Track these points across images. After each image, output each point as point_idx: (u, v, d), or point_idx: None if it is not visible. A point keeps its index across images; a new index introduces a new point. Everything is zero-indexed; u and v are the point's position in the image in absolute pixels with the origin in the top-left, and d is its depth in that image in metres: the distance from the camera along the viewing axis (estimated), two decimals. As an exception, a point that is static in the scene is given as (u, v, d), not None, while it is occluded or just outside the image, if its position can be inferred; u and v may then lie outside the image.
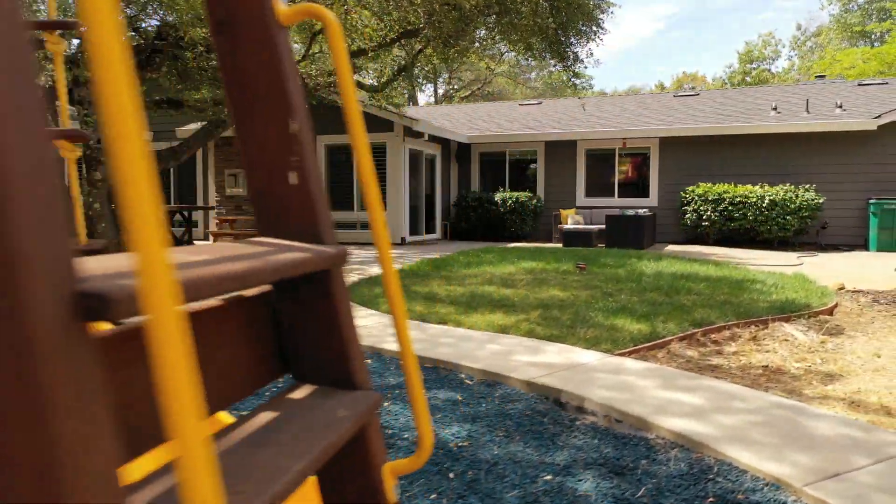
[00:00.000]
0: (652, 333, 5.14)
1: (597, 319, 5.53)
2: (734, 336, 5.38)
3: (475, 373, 4.30)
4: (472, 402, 3.87)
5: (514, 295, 6.76)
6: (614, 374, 4.13)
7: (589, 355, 4.58)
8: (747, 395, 3.76)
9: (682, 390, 3.84)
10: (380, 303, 6.46)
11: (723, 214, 13.77)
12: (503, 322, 5.52)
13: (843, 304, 7.09)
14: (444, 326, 5.47)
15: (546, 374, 4.11)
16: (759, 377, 4.37)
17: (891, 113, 13.26)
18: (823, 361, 4.66)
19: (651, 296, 6.61)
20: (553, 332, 5.15)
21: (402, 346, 1.33)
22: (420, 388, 1.31)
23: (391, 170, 14.08)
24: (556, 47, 11.26)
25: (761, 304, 6.33)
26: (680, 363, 4.65)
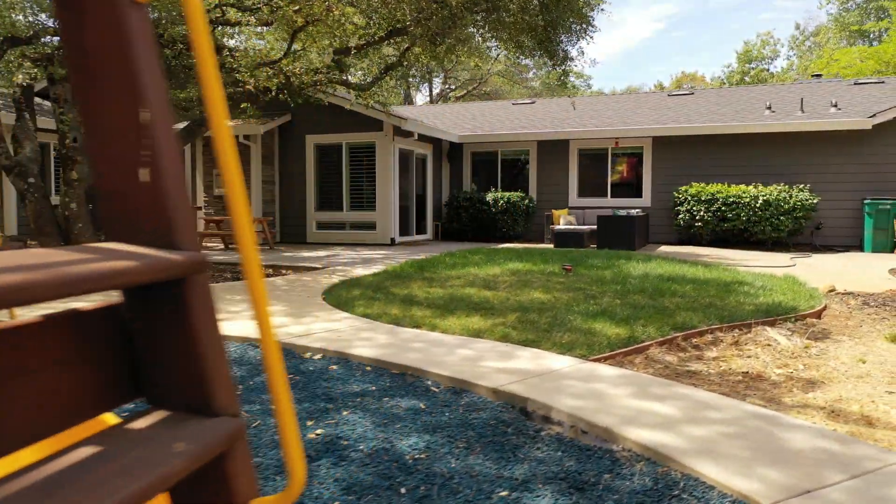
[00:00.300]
0: (630, 338, 4.98)
1: (575, 323, 5.37)
2: (716, 340, 5.22)
3: (442, 380, 4.13)
4: (435, 410, 3.71)
5: (494, 297, 6.60)
6: (585, 382, 3.96)
7: (562, 361, 4.41)
8: (722, 404, 3.60)
9: (655, 399, 3.68)
10: (355, 305, 6.30)
11: (716, 215, 13.60)
12: (479, 326, 5.36)
13: (832, 306, 6.93)
14: (417, 331, 5.31)
15: (514, 382, 3.95)
16: (738, 384, 4.21)
17: (886, 112, 13.10)
18: (806, 367, 4.50)
19: (634, 298, 6.45)
20: (528, 337, 4.99)
21: (266, 361, 1.16)
22: (288, 409, 1.13)
23: (380, 169, 13.92)
24: (546, 45, 11.09)
25: (747, 307, 6.16)
26: (657, 369, 4.48)
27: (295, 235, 14.79)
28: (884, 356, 4.75)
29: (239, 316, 5.91)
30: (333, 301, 6.59)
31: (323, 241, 14.51)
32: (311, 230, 14.63)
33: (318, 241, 14.56)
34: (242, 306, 6.39)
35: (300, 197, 14.68)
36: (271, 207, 14.73)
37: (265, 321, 1.16)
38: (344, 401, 3.87)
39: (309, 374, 4.38)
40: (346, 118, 13.84)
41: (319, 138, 14.41)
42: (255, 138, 14.11)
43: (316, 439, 3.34)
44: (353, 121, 13.84)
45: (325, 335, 5.15)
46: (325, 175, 14.57)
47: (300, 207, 14.70)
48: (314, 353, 4.80)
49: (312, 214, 14.60)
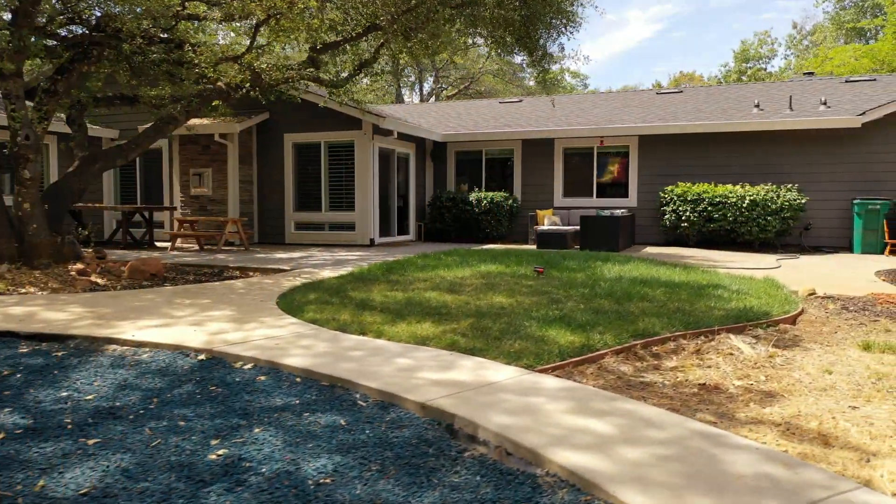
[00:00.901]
0: (584, 346, 4.67)
1: (529, 330, 5.07)
2: (678, 349, 4.91)
3: (371, 392, 3.83)
4: (355, 427, 3.41)
5: (454, 302, 6.29)
6: (523, 396, 3.66)
7: (505, 372, 4.11)
8: (666, 422, 3.30)
9: (595, 415, 3.38)
10: (306, 310, 6.00)
11: (702, 215, 13.29)
12: (428, 333, 5.06)
13: (809, 311, 6.63)
14: (361, 338, 5.01)
15: (446, 395, 3.65)
16: (692, 397, 3.90)
17: (876, 110, 12.79)
18: (767, 379, 4.20)
19: (600, 303, 6.15)
20: (476, 345, 4.69)
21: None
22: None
23: (359, 169, 13.62)
24: (525, 41, 10.79)
25: (717, 312, 5.86)
26: (608, 381, 4.18)
27: (273, 236, 14.49)
28: (852, 366, 4.44)
29: (179, 321, 5.61)
30: (285, 305, 6.29)
31: (301, 241, 14.21)
32: (289, 231, 14.33)
33: (297, 241, 14.26)
34: (188, 311, 6.10)
35: (278, 197, 14.38)
36: (249, 208, 14.42)
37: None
38: (260, 416, 3.57)
39: (233, 385, 4.08)
40: (324, 116, 13.54)
41: (298, 137, 14.11)
42: (232, 137, 13.81)
43: (216, 461, 3.04)
44: (332, 119, 13.54)
45: (262, 343, 4.85)
46: (304, 175, 14.27)
47: (278, 208, 14.40)
48: (245, 362, 4.50)
49: (291, 215, 14.30)
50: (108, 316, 5.83)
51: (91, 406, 3.74)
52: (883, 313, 6.40)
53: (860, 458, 3.04)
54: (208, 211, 14.08)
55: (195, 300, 6.69)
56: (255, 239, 14.64)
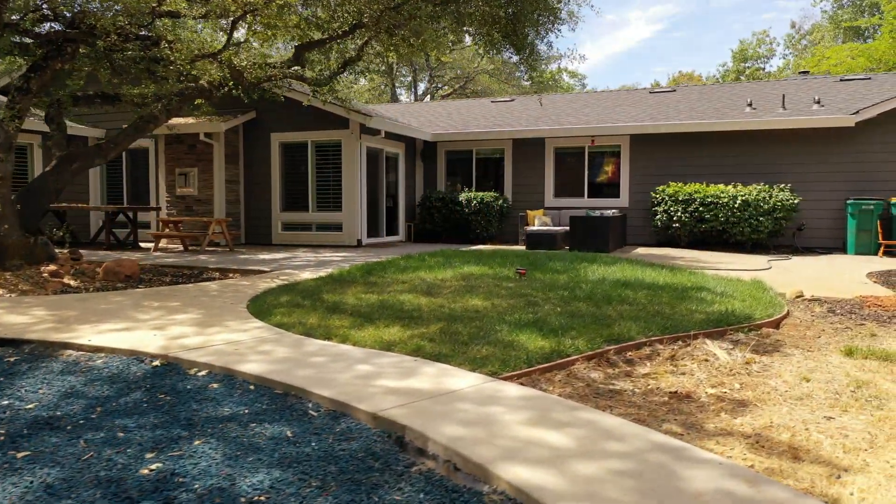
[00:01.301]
0: (555, 352, 4.50)
1: (499, 335, 4.89)
2: (653, 354, 4.74)
3: (324, 401, 3.66)
4: (302, 439, 3.23)
5: (429, 305, 6.12)
6: (481, 405, 3.49)
7: (467, 379, 3.94)
8: (628, 434, 3.12)
9: (554, 426, 3.20)
10: (275, 313, 5.82)
11: (693, 215, 13.11)
12: (395, 337, 4.88)
13: (795, 314, 6.45)
14: (325, 343, 4.84)
15: (400, 405, 3.47)
16: (662, 406, 3.73)
17: (869, 109, 12.61)
18: (742, 387, 4.02)
19: (577, 306, 5.97)
20: (442, 350, 4.51)
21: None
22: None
23: (346, 169, 13.44)
24: (512, 38, 10.60)
25: (698, 316, 5.68)
26: (576, 388, 4.01)
27: (260, 237, 14.32)
28: (832, 373, 4.27)
29: (142, 325, 5.44)
30: (255, 309, 6.12)
31: (288, 242, 14.04)
32: (276, 231, 14.16)
33: (284, 242, 14.08)
34: (154, 314, 5.92)
35: (265, 197, 14.21)
36: (236, 208, 14.25)
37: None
38: (204, 427, 3.40)
39: (182, 394, 3.91)
40: (311, 116, 13.37)
41: (285, 136, 13.94)
42: (218, 136, 13.63)
43: (147, 476, 2.87)
44: (319, 119, 13.37)
45: (222, 348, 4.68)
46: (291, 175, 14.09)
47: (265, 208, 14.22)
48: (200, 368, 4.32)
49: (278, 215, 14.13)
50: (71, 319, 5.66)
51: (30, 416, 3.57)
52: (870, 317, 6.22)
53: (830, 473, 2.87)
54: (194, 211, 13.90)
55: (164, 303, 6.51)
56: (242, 240, 14.47)
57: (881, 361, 4.54)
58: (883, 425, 3.38)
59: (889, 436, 3.25)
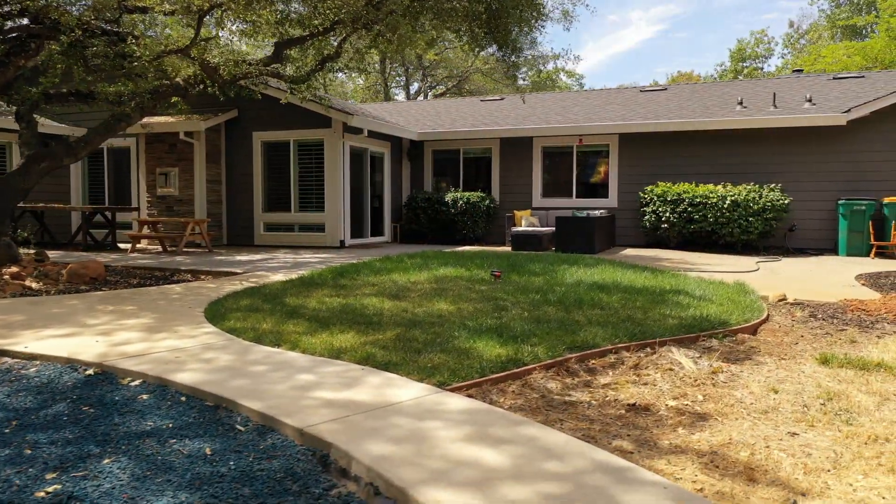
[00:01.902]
0: (511, 360, 4.26)
1: (457, 342, 4.65)
2: (618, 362, 4.49)
3: (253, 415, 3.42)
4: (220, 457, 2.99)
5: (393, 309, 5.88)
6: (418, 420, 3.24)
7: (411, 391, 3.69)
8: (571, 452, 2.88)
9: (492, 443, 2.96)
10: (230, 318, 5.58)
11: (682, 216, 12.85)
12: (347, 344, 4.64)
13: (775, 318, 6.21)
14: (273, 350, 4.59)
15: (332, 420, 3.23)
16: (616, 420, 3.49)
17: (861, 107, 12.36)
18: (705, 399, 3.78)
19: (546, 310, 5.73)
20: (393, 358, 4.27)
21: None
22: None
23: (329, 168, 13.19)
24: (495, 35, 10.36)
25: (670, 321, 5.44)
26: (528, 400, 3.77)
27: (243, 238, 14.08)
28: (803, 384, 4.02)
29: (89, 330, 5.20)
30: (212, 312, 5.88)
31: (271, 243, 13.80)
32: (258, 232, 13.92)
33: (266, 243, 13.84)
34: (105, 318, 5.68)
35: (247, 197, 13.97)
36: (218, 208, 14.01)
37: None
38: (120, 443, 3.16)
39: (109, 406, 3.67)
40: (294, 114, 13.13)
41: (267, 135, 13.70)
42: (199, 135, 13.39)
43: (42, 500, 2.63)
44: (301, 117, 13.13)
45: (162, 355, 4.44)
46: (274, 174, 13.85)
47: (248, 208, 13.98)
48: (134, 378, 4.08)
49: (260, 216, 13.88)
50: (17, 325, 5.42)
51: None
52: (852, 321, 5.97)
53: (786, 498, 2.63)
54: (175, 212, 13.67)
55: (120, 306, 6.27)
56: (224, 241, 14.23)
57: (857, 371, 4.30)
58: (850, 442, 3.14)
59: (855, 454, 3.01)
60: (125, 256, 11.18)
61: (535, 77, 42.51)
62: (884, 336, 5.41)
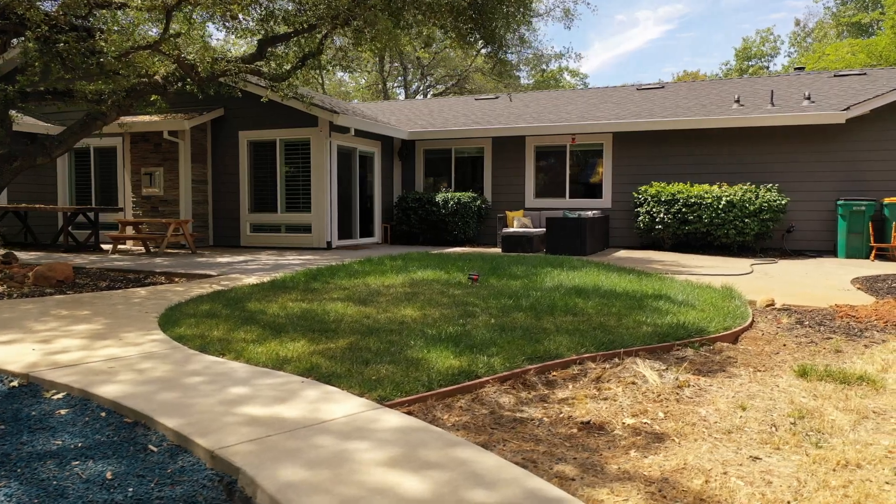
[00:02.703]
0: (463, 372, 3.98)
1: (410, 352, 4.37)
2: (581, 374, 4.21)
3: (170, 433, 3.15)
4: (121, 483, 2.73)
5: (356, 315, 5.61)
6: (345, 440, 2.97)
7: (348, 406, 3.42)
8: (502, 479, 2.60)
9: (417, 468, 2.68)
10: (183, 323, 5.33)
11: (676, 217, 12.53)
12: (294, 353, 4.37)
13: (759, 325, 5.90)
14: (216, 359, 4.34)
15: (250, 440, 2.96)
16: (566, 440, 3.20)
17: (861, 105, 12.00)
18: (666, 416, 3.48)
19: (515, 317, 5.44)
20: (337, 370, 4.00)
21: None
22: None
23: (315, 168, 12.94)
24: (481, 31, 10.08)
25: (645, 328, 5.14)
26: (475, 417, 3.49)
27: (229, 239, 13.85)
28: (775, 400, 3.72)
29: (31, 337, 4.95)
30: (166, 318, 5.62)
31: (257, 244, 13.56)
32: (245, 233, 13.68)
33: (253, 244, 13.60)
34: (52, 324, 5.44)
35: (233, 198, 13.74)
36: (204, 209, 13.79)
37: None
38: (16, 466, 2.90)
39: (21, 421, 3.41)
40: (280, 113, 12.90)
41: (253, 134, 13.46)
42: (183, 134, 13.17)
43: None
44: (287, 116, 12.89)
45: (96, 366, 4.18)
46: (260, 174, 13.61)
47: (234, 209, 13.75)
48: (59, 390, 3.83)
49: (246, 216, 13.65)
50: (-40, 330, 5.19)
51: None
52: (840, 329, 5.66)
53: (735, 535, 2.34)
54: (160, 212, 13.45)
55: (75, 311, 6.03)
56: (211, 241, 14.01)
57: (836, 384, 3.99)
58: (817, 468, 2.84)
59: (821, 483, 2.71)
60: (105, 258, 10.96)
61: (539, 77, 42.17)
62: (871, 345, 5.10)
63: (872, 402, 3.72)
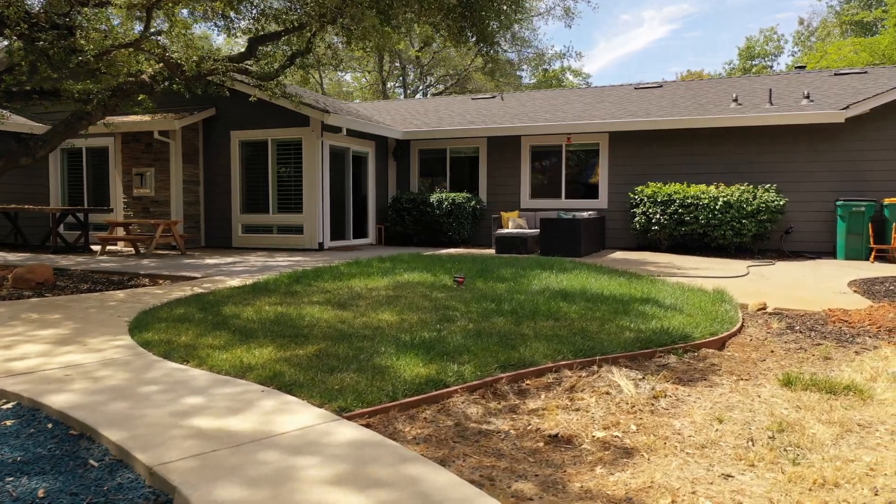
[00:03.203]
0: (431, 381, 3.82)
1: (378, 359, 4.21)
2: (554, 383, 4.04)
3: (112, 447, 3.00)
4: (53, 501, 2.58)
5: (332, 319, 5.46)
6: (292, 455, 2.81)
7: (304, 417, 3.27)
8: (453, 499, 2.44)
9: (363, 487, 2.52)
10: (152, 328, 5.18)
11: (672, 218, 12.33)
12: (260, 360, 4.22)
13: (749, 330, 5.72)
14: (178, 366, 4.19)
15: (193, 455, 2.81)
16: (530, 455, 3.04)
17: (860, 104, 11.78)
18: (638, 429, 3.32)
19: (495, 322, 5.27)
20: (300, 378, 3.84)
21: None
22: None
23: (307, 168, 12.80)
24: (472, 28, 9.92)
25: (627, 334, 4.97)
26: (439, 429, 3.33)
27: (221, 240, 13.71)
28: (755, 411, 3.55)
29: (-7, 343, 4.82)
30: (137, 322, 5.48)
31: (249, 245, 13.42)
32: (236, 234, 13.55)
33: (244, 245, 13.47)
34: (19, 329, 5.30)
35: (225, 198, 13.60)
36: (195, 210, 13.66)
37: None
38: (-54, 482, 2.75)
39: (-38, 433, 3.27)
40: (272, 113, 12.76)
41: (245, 134, 13.33)
42: (174, 134, 13.04)
43: None
44: (279, 115, 12.75)
45: (52, 373, 4.04)
46: (252, 174, 13.48)
47: (225, 210, 13.62)
48: (9, 399, 3.69)
49: (238, 217, 13.51)
50: (-76, 335, 5.06)
51: None
52: (831, 334, 5.47)
53: (696, 563, 2.17)
54: (151, 213, 13.33)
55: (46, 315, 5.89)
56: (203, 242, 13.88)
57: (822, 394, 3.82)
58: (791, 488, 2.67)
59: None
60: (92, 259, 10.83)
61: (541, 76, 41.96)
62: (862, 352, 4.92)
63: (858, 413, 3.55)
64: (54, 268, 9.57)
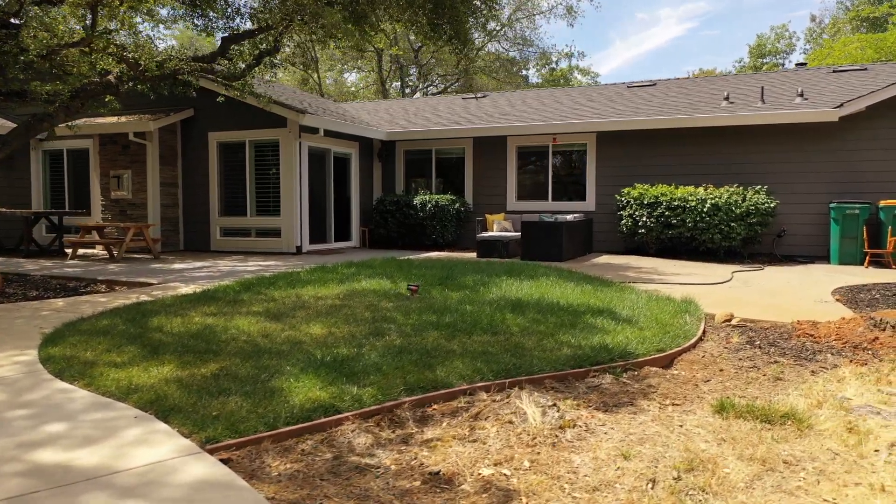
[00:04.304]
0: (323, 406, 3.50)
1: (276, 380, 3.90)
2: (462, 408, 3.70)
3: (-66, 486, 2.71)
4: None
5: (256, 332, 5.15)
6: (119, 499, 2.50)
7: (160, 450, 2.96)
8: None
9: (178, 544, 2.21)
10: (64, 343, 4.90)
11: (659, 220, 11.91)
12: (151, 380, 3.92)
13: (705, 344, 5.34)
14: (65, 386, 3.91)
15: (5, 499, 2.51)
16: (400, 497, 2.71)
17: (854, 102, 11.29)
18: (531, 466, 2.97)
19: (425, 337, 4.94)
20: (182, 402, 3.54)
21: None
22: None
23: (284, 170, 12.53)
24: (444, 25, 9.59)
25: (565, 350, 4.62)
26: (311, 464, 3.00)
27: (199, 243, 13.50)
28: (669, 445, 3.19)
29: None
30: (54, 336, 5.21)
31: (228, 248, 13.19)
32: (215, 237, 13.32)
33: (223, 248, 13.23)
34: (-71, 342, 5.05)
35: (203, 201, 13.38)
36: (174, 212, 13.45)
37: None
38: None
39: None
40: (249, 113, 12.52)
41: (223, 135, 13.10)
42: (150, 136, 12.84)
43: None
44: (256, 116, 12.51)
45: (-73, 394, 3.77)
46: (230, 177, 13.24)
47: (204, 212, 13.40)
48: None
49: (216, 220, 13.29)
50: None
51: None
52: (791, 351, 5.07)
53: None
54: (128, 216, 13.14)
55: (-32, 326, 5.65)
56: (181, 246, 13.67)
57: (755, 423, 3.45)
58: (676, 545, 2.32)
59: (672, 566, 2.18)
60: (60, 264, 10.64)
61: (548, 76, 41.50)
62: (819, 371, 4.52)
63: (789, 447, 3.17)
64: (17, 273, 9.39)
